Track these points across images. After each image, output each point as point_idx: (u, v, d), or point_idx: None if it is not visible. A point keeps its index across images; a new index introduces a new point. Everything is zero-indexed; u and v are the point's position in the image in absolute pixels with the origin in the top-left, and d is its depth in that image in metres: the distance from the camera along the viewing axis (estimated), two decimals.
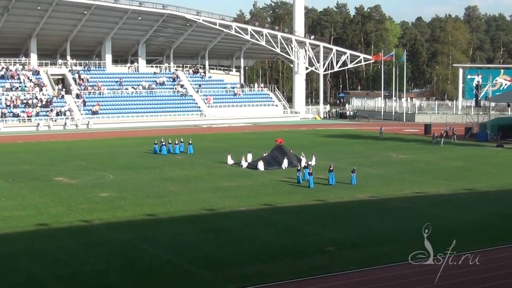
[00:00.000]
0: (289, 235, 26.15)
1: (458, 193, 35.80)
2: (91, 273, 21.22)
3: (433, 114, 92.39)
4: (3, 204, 32.38)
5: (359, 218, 29.73)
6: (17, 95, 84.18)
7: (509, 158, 51.91)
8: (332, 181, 37.82)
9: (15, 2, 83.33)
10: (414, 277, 20.78)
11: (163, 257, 23.05)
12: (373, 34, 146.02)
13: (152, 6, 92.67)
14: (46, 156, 52.90)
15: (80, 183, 38.92)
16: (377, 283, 20.21)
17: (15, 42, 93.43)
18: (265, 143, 53.57)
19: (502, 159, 50.91)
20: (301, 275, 20.92)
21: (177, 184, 38.39)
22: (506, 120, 70.15)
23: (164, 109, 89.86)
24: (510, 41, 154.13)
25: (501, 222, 28.63)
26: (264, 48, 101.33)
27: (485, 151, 56.66)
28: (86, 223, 28.44)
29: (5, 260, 22.58)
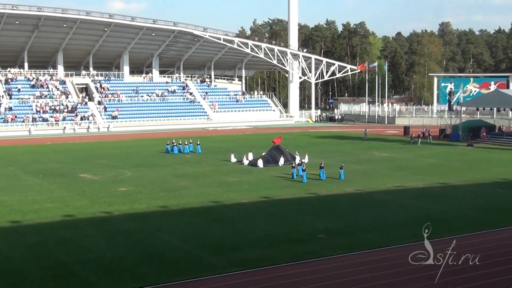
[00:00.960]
0: (285, 224, 26.20)
1: (433, 187, 35.87)
2: (111, 258, 21.28)
3: (411, 118, 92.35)
4: (34, 197, 32.44)
5: (347, 209, 29.82)
6: (46, 102, 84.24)
7: (478, 156, 51.94)
8: (323, 176, 37.94)
9: (44, 20, 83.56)
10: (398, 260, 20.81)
11: (175, 244, 23.10)
12: (358, 47, 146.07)
13: (164, 24, 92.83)
14: (72, 155, 52.90)
15: (102, 179, 38.97)
16: (363, 266, 20.23)
17: (44, 55, 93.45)
18: (264, 143, 53.54)
19: (471, 157, 50.93)
20: (296, 259, 20.98)
21: (186, 180, 38.41)
22: (475, 123, 70.20)
23: (175, 114, 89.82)
24: (479, 53, 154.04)
25: (471, 212, 28.69)
26: (262, 60, 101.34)
27: (457, 149, 56.68)
28: (107, 214, 28.50)
29: (36, 247, 22.65)
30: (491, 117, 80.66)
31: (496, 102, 68.58)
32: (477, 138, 63.58)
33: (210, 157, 50.19)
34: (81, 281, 18.89)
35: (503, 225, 25.70)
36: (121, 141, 66.88)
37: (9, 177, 40.22)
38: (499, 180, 38.02)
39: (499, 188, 35.22)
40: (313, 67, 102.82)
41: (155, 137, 68.99)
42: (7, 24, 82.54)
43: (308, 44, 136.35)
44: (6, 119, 78.49)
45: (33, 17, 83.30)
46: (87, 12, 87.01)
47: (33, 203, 30.93)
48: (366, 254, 21.60)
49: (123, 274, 19.51)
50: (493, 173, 41.14)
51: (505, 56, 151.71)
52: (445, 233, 24.28)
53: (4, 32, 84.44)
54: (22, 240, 23.86)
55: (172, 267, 20.24)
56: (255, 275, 19.32)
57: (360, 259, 20.99)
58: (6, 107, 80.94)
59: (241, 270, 19.74)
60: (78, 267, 20.19)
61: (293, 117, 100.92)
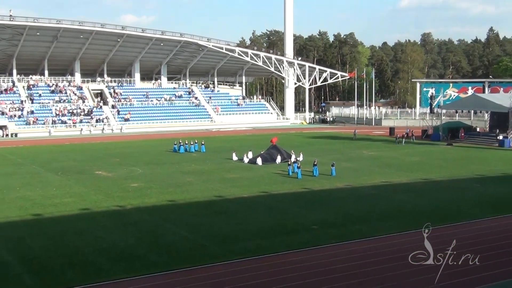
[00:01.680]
0: (282, 216, 26.20)
1: (416, 182, 35.90)
2: (124, 247, 21.30)
3: (396, 119, 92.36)
4: (54, 193, 32.47)
5: (338, 202, 29.80)
6: (65, 106, 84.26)
7: (457, 154, 52.00)
8: (316, 173, 37.97)
9: (62, 32, 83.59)
10: (384, 249, 20.83)
11: (182, 234, 23.10)
12: (348, 56, 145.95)
13: (172, 35, 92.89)
14: (88, 154, 52.93)
15: (115, 176, 38.99)
16: (353, 254, 20.26)
17: (63, 63, 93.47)
18: (262, 143, 53.57)
19: (451, 155, 50.97)
20: (292, 248, 21.00)
21: (192, 176, 38.43)
22: (454, 124, 70.24)
23: (182, 117, 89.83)
24: (457, 61, 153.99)
25: (450, 204, 28.74)
26: (261, 68, 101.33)
27: (438, 148, 56.73)
28: (120, 207, 28.51)
29: (56, 238, 22.68)
30: (469, 119, 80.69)
31: (473, 105, 68.69)
32: (456, 138, 63.62)
33: (213, 156, 50.22)
34: (97, 268, 18.90)
35: (479, 217, 25.73)
36: (132, 141, 66.88)
37: (32, 174, 40.26)
38: (475, 176, 38.09)
39: (476, 183, 35.27)
40: (307, 73, 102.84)
41: (164, 138, 69.00)
42: (29, 36, 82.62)
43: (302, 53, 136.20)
44: (28, 121, 78.59)
45: (52, 29, 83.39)
46: (101, 24, 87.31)
47: (53, 197, 30.98)
48: (356, 244, 21.61)
49: (134, 261, 19.52)
50: (471, 169, 41.21)
51: (481, 63, 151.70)
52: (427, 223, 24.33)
53: (26, 43, 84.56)
54: (43, 231, 23.90)
55: (179, 255, 20.25)
56: (254, 263, 19.34)
57: (350, 248, 21.01)
58: (29, 111, 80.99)
59: (242, 259, 19.75)
60: (93, 256, 20.21)
61: (289, 119, 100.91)
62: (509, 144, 57.18)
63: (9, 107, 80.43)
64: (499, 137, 59.37)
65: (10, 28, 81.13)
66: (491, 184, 34.92)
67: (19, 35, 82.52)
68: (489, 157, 49.13)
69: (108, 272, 18.42)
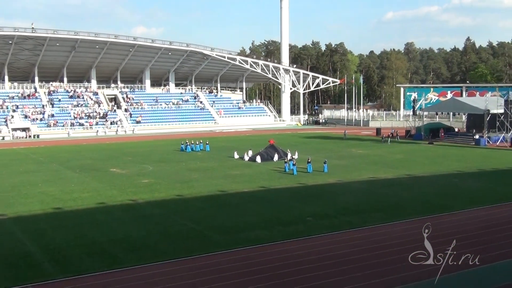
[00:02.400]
0: (280, 209, 26.18)
1: (401, 178, 35.88)
2: (136, 237, 21.29)
3: (382, 121, 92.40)
4: (73, 188, 32.45)
5: (330, 196, 29.80)
6: (82, 110, 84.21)
7: (437, 152, 52.01)
8: (310, 169, 37.95)
9: (80, 42, 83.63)
10: (372, 238, 20.81)
11: (189, 226, 23.09)
12: (339, 63, 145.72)
13: (179, 45, 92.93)
14: (103, 153, 52.90)
15: (128, 173, 38.95)
16: (343, 243, 20.27)
17: (80, 71, 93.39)
18: (261, 143, 53.57)
19: (432, 153, 50.98)
20: (288, 237, 20.98)
21: (198, 173, 38.40)
22: (435, 125, 70.23)
23: (188, 119, 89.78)
24: (437, 67, 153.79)
25: (432, 198, 28.73)
26: (260, 74, 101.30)
27: (420, 147, 56.73)
28: (133, 201, 28.50)
29: (74, 229, 22.65)
30: (448, 120, 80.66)
31: (452, 108, 68.74)
32: (436, 137, 63.64)
33: (217, 154, 50.19)
34: (111, 257, 18.90)
35: (458, 209, 25.73)
36: (143, 142, 66.81)
37: (52, 171, 40.23)
38: (454, 172, 38.07)
39: (455, 178, 35.28)
40: (301, 79, 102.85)
41: (172, 138, 68.99)
42: (49, 46, 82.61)
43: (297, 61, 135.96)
44: (49, 124, 78.56)
45: (71, 40, 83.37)
46: (115, 35, 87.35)
47: (72, 192, 30.97)
48: (346, 233, 21.61)
49: (146, 250, 19.51)
50: (450, 166, 41.20)
51: (459, 70, 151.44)
52: (411, 215, 24.38)
53: (47, 53, 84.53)
54: (63, 223, 23.88)
55: (186, 244, 20.23)
56: (254, 251, 19.32)
57: (341, 238, 21.01)
58: (49, 114, 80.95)
59: (243, 247, 19.75)
60: (109, 245, 20.19)
61: (285, 121, 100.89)
62: (484, 143, 57.22)
63: (31, 111, 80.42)
64: (475, 136, 59.42)
65: (32, 39, 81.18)
66: (469, 179, 34.92)
67: (40, 45, 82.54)
68: (466, 155, 49.14)
69: (122, 260, 18.41)
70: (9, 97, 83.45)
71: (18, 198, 29.38)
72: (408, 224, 22.93)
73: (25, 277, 16.78)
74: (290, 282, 16.09)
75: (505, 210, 25.63)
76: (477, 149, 54.00)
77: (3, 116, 77.77)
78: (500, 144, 56.88)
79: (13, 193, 30.92)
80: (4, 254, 19.21)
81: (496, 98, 61.85)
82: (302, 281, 16.07)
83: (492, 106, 59.07)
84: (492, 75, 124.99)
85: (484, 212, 25.24)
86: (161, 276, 16.81)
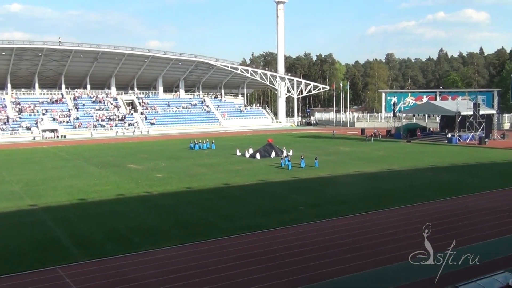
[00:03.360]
0: (276, 199, 26.21)
1: (383, 171, 35.89)
2: (151, 225, 21.31)
3: (366, 122, 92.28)
4: (95, 182, 32.47)
5: (320, 188, 29.80)
6: (103, 113, 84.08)
7: (414, 149, 52.00)
8: (303, 165, 37.94)
9: (101, 54, 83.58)
10: (358, 225, 20.84)
11: (197, 214, 23.12)
12: (328, 72, 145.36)
13: (188, 56, 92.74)
14: (122, 151, 52.90)
15: (144, 168, 38.95)
16: (332, 229, 20.30)
17: (102, 79, 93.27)
18: (260, 141, 53.60)
19: (409, 150, 50.99)
20: (284, 224, 21.01)
21: (205, 168, 38.41)
22: (412, 125, 70.25)
23: (196, 121, 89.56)
24: (414, 75, 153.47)
25: (409, 189, 28.74)
26: (259, 82, 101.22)
27: (399, 145, 56.73)
28: (148, 193, 28.51)
29: (97, 217, 22.68)
30: (424, 121, 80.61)
31: (427, 110, 68.75)
32: (413, 136, 63.60)
33: (221, 152, 50.20)
34: (129, 241, 18.93)
35: (432, 199, 25.76)
36: (157, 141, 66.79)
37: (78, 167, 40.24)
38: (429, 166, 38.09)
39: (429, 172, 35.30)
40: (295, 86, 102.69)
41: (182, 138, 69.01)
42: (74, 57, 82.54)
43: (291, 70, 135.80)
44: (74, 125, 78.52)
45: (93, 52, 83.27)
46: (132, 48, 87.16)
47: (95, 185, 31.01)
48: (335, 221, 21.63)
49: (159, 236, 19.54)
50: (425, 161, 41.21)
51: (433, 77, 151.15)
52: (391, 205, 24.40)
53: (72, 63, 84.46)
54: (87, 212, 23.90)
55: (195, 230, 20.26)
56: (254, 236, 19.36)
57: (330, 224, 21.04)
58: (74, 117, 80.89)
59: (245, 233, 19.79)
60: (126, 231, 20.22)
61: (281, 123, 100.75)
62: (456, 141, 57.22)
63: (59, 114, 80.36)
64: (448, 135, 59.43)
65: (59, 51, 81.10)
66: (441, 173, 34.94)
67: (66, 57, 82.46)
68: (439, 151, 49.14)
69: (138, 244, 18.46)
70: (39, 102, 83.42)
71: (47, 191, 29.42)
72: (388, 212, 22.98)
73: (54, 259, 16.83)
74: (285, 263, 16.13)
75: (473, 199, 25.66)
76: (449, 147, 54.00)
77: (34, 119, 77.74)
78: (469, 142, 56.87)
79: (43, 186, 30.97)
80: (36, 239, 19.26)
81: (466, 102, 61.92)
82: (296, 263, 16.12)
83: (462, 109, 59.07)
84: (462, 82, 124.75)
85: (454, 201, 25.25)
86: (172, 259, 16.84)
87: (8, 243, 18.79)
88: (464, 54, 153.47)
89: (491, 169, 36.83)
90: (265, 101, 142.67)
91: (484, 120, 58.11)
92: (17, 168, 39.76)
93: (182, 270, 15.61)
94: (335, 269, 15.42)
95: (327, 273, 15.12)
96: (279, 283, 14.39)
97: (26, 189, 30.16)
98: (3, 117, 76.77)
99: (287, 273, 15.12)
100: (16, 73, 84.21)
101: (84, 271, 15.73)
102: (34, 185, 31.59)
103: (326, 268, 15.60)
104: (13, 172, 37.40)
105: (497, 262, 15.34)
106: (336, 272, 15.16)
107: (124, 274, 15.35)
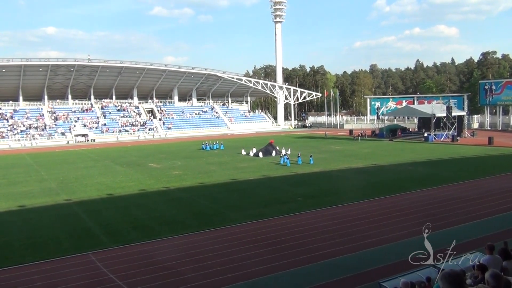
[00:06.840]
0: (277, 192, 26.17)
1: (369, 167, 35.81)
2: (169, 215, 21.31)
3: (354, 124, 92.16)
4: (121, 179, 32.53)
5: (315, 181, 29.75)
6: (127, 120, 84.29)
7: (396, 146, 51.87)
8: (300, 162, 37.94)
9: (124, 69, 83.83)
10: (348, 213, 20.75)
11: (209, 205, 23.11)
12: (320, 81, 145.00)
13: (199, 69, 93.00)
14: (143, 152, 53.01)
15: (162, 167, 39.01)
16: (326, 217, 20.22)
17: (125, 91, 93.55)
18: (263, 142, 53.57)
19: (392, 148, 50.87)
20: (284, 213, 20.95)
21: (215, 166, 38.43)
22: (393, 126, 70.04)
23: (207, 125, 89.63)
24: (395, 83, 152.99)
25: (392, 181, 28.62)
26: (260, 91, 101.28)
27: (383, 143, 56.58)
28: (166, 188, 28.52)
29: (122, 209, 22.71)
30: (404, 122, 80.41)
31: (406, 113, 68.70)
32: (395, 135, 63.47)
33: (229, 152, 50.20)
34: (150, 229, 18.93)
35: (412, 190, 25.65)
36: (173, 143, 66.87)
37: (105, 166, 40.34)
38: (409, 161, 37.98)
39: (410, 166, 35.17)
40: (292, 94, 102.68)
41: (195, 140, 69.05)
42: (101, 72, 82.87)
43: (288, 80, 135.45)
44: (102, 130, 78.74)
45: (117, 67, 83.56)
46: (151, 63, 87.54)
47: (120, 182, 31.07)
48: (328, 209, 21.56)
49: (176, 225, 19.54)
50: (406, 157, 41.10)
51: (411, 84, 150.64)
52: (377, 195, 24.30)
53: (100, 77, 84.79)
54: (114, 205, 23.93)
55: (207, 220, 20.25)
56: (259, 224, 19.29)
57: (325, 213, 20.97)
58: (102, 123, 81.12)
59: (251, 221, 19.74)
60: (148, 221, 20.22)
61: (280, 125, 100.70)
62: (432, 139, 57.02)
63: (89, 121, 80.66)
64: (424, 134, 59.22)
65: (88, 67, 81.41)
66: (420, 167, 34.80)
67: (94, 72, 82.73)
68: (418, 149, 48.98)
69: (158, 232, 18.44)
70: (72, 111, 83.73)
71: (80, 187, 29.49)
72: (374, 202, 22.88)
73: (87, 246, 16.86)
74: (286, 246, 16.09)
75: (446, 190, 25.55)
76: (426, 144, 53.80)
77: (67, 126, 78.03)
78: (443, 140, 56.67)
79: (76, 183, 31.04)
80: (71, 229, 19.29)
81: (440, 105, 61.66)
82: (295, 246, 16.08)
83: (437, 111, 58.89)
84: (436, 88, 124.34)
85: (431, 192, 25.15)
86: (189, 244, 16.81)
87: (47, 232, 18.84)
88: (437, 64, 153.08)
89: (462, 163, 36.67)
90: (266, 107, 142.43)
91: (456, 120, 57.97)
92: (54, 168, 39.89)
93: (199, 254, 15.60)
94: (330, 251, 15.36)
95: (323, 254, 15.07)
96: (281, 264, 14.36)
97: (62, 186, 30.25)
98: (41, 125, 77.11)
99: (289, 255, 15.09)
100: (52, 86, 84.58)
101: (113, 256, 15.75)
102: (69, 182, 31.69)
103: (322, 250, 15.55)
104: (51, 172, 37.53)
105: (469, 244, 15.25)
106: (331, 254, 15.11)
107: (148, 258, 15.36)
